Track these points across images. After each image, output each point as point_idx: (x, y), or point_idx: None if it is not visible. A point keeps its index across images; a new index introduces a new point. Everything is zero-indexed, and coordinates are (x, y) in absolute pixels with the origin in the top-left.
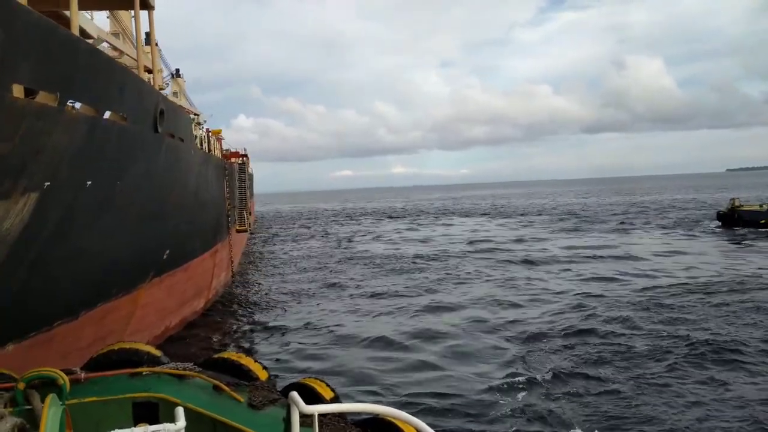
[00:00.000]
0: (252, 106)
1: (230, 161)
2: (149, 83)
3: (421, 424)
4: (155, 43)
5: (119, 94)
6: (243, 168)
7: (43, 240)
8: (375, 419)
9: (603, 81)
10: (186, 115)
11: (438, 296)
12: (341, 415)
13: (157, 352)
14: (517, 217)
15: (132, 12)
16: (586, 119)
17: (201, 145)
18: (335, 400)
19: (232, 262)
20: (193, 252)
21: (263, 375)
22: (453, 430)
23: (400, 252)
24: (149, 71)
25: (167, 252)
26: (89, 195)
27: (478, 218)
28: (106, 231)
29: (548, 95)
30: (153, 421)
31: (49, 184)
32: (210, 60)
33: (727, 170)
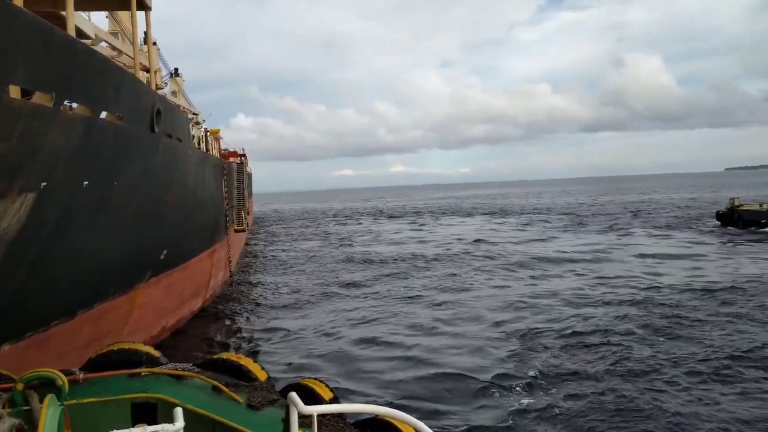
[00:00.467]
0: (251, 106)
1: (228, 161)
2: (147, 83)
3: (420, 424)
4: (153, 43)
5: (115, 95)
6: (241, 168)
7: (40, 240)
8: (374, 419)
9: (602, 80)
10: (183, 115)
11: (438, 296)
12: (340, 416)
13: (156, 353)
14: (517, 217)
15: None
16: (585, 118)
17: (199, 145)
18: (334, 401)
19: (230, 262)
20: (191, 252)
21: (262, 375)
22: (452, 430)
23: (400, 252)
24: (147, 71)
25: (165, 252)
26: (86, 195)
27: (478, 218)
28: (103, 231)
29: (547, 94)
30: (152, 422)
31: (46, 185)
32: (209, 59)
33: (726, 169)
